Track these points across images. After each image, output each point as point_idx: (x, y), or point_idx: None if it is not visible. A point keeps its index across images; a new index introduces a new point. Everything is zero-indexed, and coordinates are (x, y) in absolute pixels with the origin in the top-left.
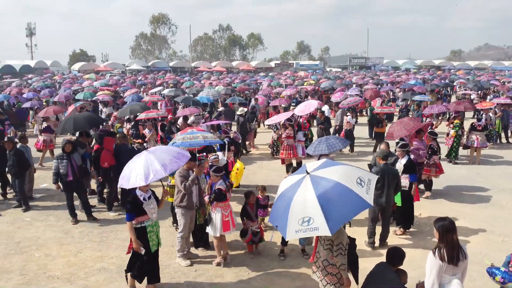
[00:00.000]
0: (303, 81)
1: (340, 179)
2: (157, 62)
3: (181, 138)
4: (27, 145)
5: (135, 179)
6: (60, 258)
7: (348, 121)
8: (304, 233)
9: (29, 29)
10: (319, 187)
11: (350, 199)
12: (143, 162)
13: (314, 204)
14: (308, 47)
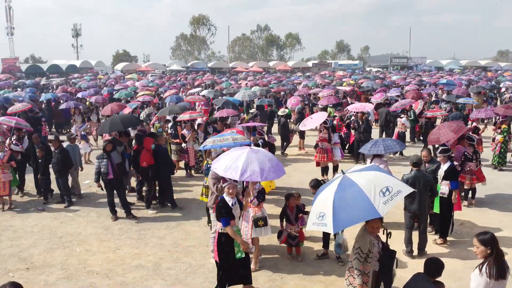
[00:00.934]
0: (342, 81)
1: (363, 185)
2: (196, 62)
3: (211, 141)
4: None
5: (230, 171)
6: (100, 254)
7: (403, 123)
8: (317, 227)
9: (75, 30)
10: (341, 188)
11: (361, 205)
12: (245, 158)
13: (329, 202)
14: (347, 47)
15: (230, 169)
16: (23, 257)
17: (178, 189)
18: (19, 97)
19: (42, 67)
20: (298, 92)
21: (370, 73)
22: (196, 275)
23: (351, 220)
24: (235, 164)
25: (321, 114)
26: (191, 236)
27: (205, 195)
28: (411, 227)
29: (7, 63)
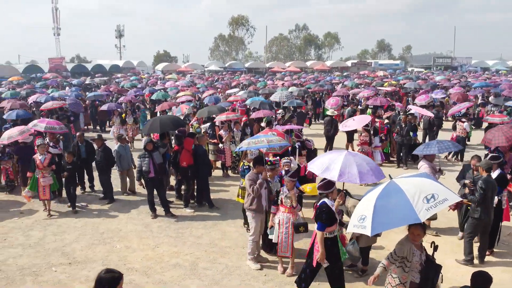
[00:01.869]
0: (382, 82)
1: (408, 190)
2: (233, 63)
3: (247, 142)
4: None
5: (328, 172)
6: (139, 251)
7: (465, 127)
8: (357, 229)
9: (119, 31)
10: (385, 192)
11: (402, 209)
12: (342, 160)
13: (371, 205)
14: (388, 46)
15: (327, 171)
16: (66, 252)
17: (215, 189)
18: (65, 96)
19: (87, 67)
20: (337, 92)
21: (412, 73)
22: (232, 276)
23: (390, 224)
24: (332, 166)
25: (364, 117)
26: (227, 236)
27: (241, 197)
28: (475, 236)
29: (54, 63)
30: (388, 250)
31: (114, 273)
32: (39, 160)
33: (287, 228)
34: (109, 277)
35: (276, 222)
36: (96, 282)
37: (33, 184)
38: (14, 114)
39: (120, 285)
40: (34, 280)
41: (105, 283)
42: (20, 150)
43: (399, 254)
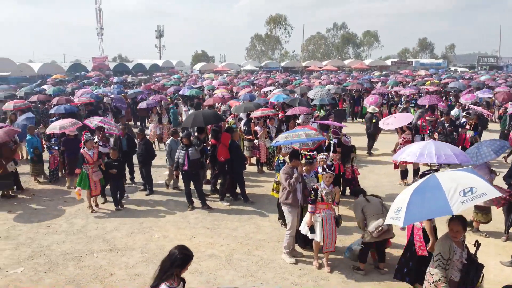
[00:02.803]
0: (424, 81)
1: (445, 182)
2: (269, 62)
3: (284, 136)
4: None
5: (424, 157)
6: (177, 241)
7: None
8: (393, 220)
9: (159, 32)
10: (423, 184)
11: (436, 201)
12: (433, 145)
13: (407, 197)
14: (431, 45)
15: (422, 156)
16: (107, 239)
17: (250, 184)
18: (108, 93)
19: (128, 66)
20: (376, 90)
21: (455, 73)
22: (267, 269)
23: (421, 215)
24: (426, 151)
25: (406, 116)
26: (262, 230)
27: (276, 191)
28: None
29: (97, 61)
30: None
31: (187, 251)
32: (89, 155)
33: (330, 224)
34: (183, 255)
35: (319, 220)
36: (170, 256)
37: (83, 181)
38: (62, 107)
39: (188, 265)
40: (76, 265)
41: (179, 260)
42: (67, 142)
43: (446, 256)
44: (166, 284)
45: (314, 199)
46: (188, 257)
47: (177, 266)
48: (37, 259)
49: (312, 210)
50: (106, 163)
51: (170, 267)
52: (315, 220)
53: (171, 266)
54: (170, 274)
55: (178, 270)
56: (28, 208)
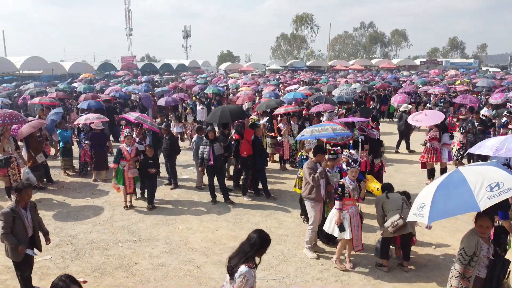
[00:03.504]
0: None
1: (471, 177)
2: (294, 62)
3: (310, 130)
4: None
5: (501, 151)
6: (199, 233)
7: None
8: (416, 217)
9: (186, 32)
10: (447, 180)
11: (462, 198)
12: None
13: (431, 193)
14: (461, 44)
15: (499, 150)
16: (132, 230)
17: (272, 180)
18: (136, 90)
19: (155, 65)
20: (403, 89)
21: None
22: (288, 263)
23: (447, 212)
24: (506, 146)
25: (437, 114)
26: (283, 225)
27: (299, 187)
28: None
29: (125, 61)
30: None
31: (266, 236)
32: (127, 151)
33: (357, 221)
34: (262, 239)
35: (347, 217)
36: (249, 240)
37: (119, 177)
38: (86, 104)
39: (266, 249)
40: (101, 253)
41: (258, 244)
42: (94, 136)
43: (470, 253)
44: (246, 265)
45: (341, 195)
46: (267, 242)
47: (257, 250)
48: (65, 248)
49: (339, 207)
50: (141, 161)
51: (250, 250)
52: (343, 217)
53: (251, 249)
54: (250, 257)
55: (257, 253)
56: (57, 199)
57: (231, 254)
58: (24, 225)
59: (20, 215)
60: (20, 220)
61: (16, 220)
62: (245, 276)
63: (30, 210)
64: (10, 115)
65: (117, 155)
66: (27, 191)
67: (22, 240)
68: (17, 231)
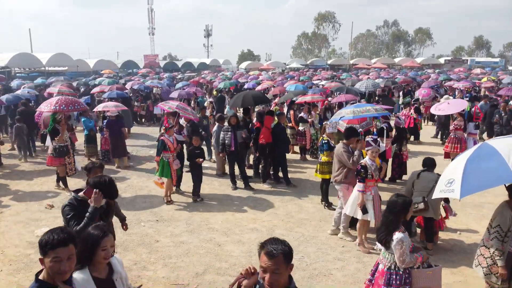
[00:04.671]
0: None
1: (502, 148)
2: (315, 60)
3: (351, 111)
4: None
5: None
6: (220, 215)
7: None
8: (445, 193)
9: (207, 31)
10: (476, 153)
11: (496, 169)
12: None
13: (461, 167)
14: (487, 43)
15: None
16: (154, 211)
17: (292, 170)
18: (159, 84)
19: (177, 64)
20: (427, 83)
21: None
22: (308, 244)
23: (481, 185)
24: None
25: (460, 102)
26: (304, 210)
27: (320, 172)
28: None
29: (148, 59)
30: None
31: (405, 197)
32: (170, 142)
33: (378, 201)
34: (403, 201)
35: (370, 199)
36: (392, 204)
37: (165, 169)
38: (115, 93)
39: (411, 209)
40: (124, 232)
41: (399, 206)
42: (109, 123)
43: (505, 228)
44: (399, 231)
45: (364, 177)
46: (407, 203)
47: (399, 214)
48: None
49: (362, 189)
50: (189, 151)
51: (394, 217)
52: (366, 199)
53: (394, 216)
54: (397, 222)
55: (403, 215)
56: (82, 184)
57: (377, 226)
58: None
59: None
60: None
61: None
62: (401, 241)
63: None
64: (66, 102)
65: (160, 148)
66: (97, 172)
67: None
68: None
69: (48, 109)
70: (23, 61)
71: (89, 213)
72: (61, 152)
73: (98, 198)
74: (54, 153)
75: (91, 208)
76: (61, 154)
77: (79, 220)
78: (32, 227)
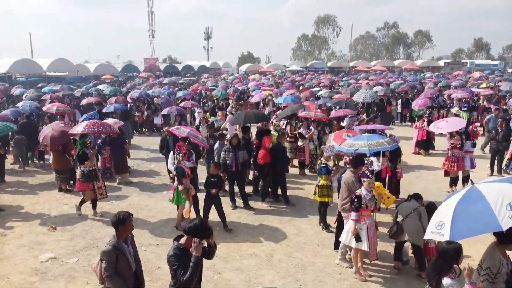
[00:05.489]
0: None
1: (490, 196)
2: (315, 62)
3: (366, 144)
4: None
5: None
6: (220, 238)
7: None
8: (435, 235)
9: (207, 34)
10: (465, 197)
11: (483, 216)
12: None
13: (450, 211)
14: (487, 45)
15: None
16: (155, 234)
17: (291, 186)
18: (159, 93)
19: (177, 67)
20: (425, 93)
21: None
22: (306, 271)
23: (469, 231)
24: None
25: (459, 120)
26: (302, 232)
27: (318, 195)
28: None
29: (148, 63)
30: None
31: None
32: (187, 168)
33: (374, 231)
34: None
35: (364, 228)
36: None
37: (180, 197)
38: (112, 107)
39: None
40: None
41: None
42: (112, 141)
43: (495, 271)
44: (448, 277)
45: (358, 206)
46: (459, 249)
47: (451, 261)
48: (91, 250)
49: (356, 218)
50: (206, 180)
51: (445, 263)
52: (360, 228)
53: (445, 262)
54: (448, 267)
55: (455, 262)
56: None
57: (428, 268)
58: (128, 261)
59: (122, 251)
60: (123, 256)
61: (120, 257)
62: (451, 287)
63: (131, 242)
64: (98, 124)
65: (181, 175)
66: (131, 221)
67: (127, 279)
68: (121, 270)
69: (76, 131)
70: (23, 67)
71: (193, 263)
72: (89, 177)
73: (198, 247)
74: (82, 178)
75: (194, 258)
76: (89, 179)
77: (185, 269)
78: (36, 251)
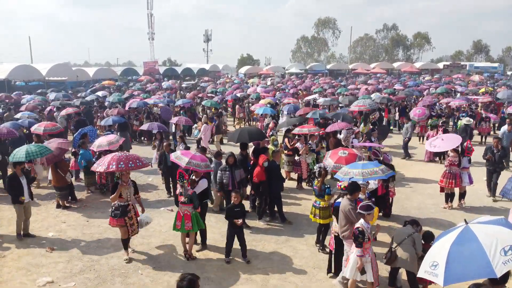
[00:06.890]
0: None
1: (484, 239)
2: (315, 65)
3: (360, 173)
4: None
5: None
6: (216, 261)
7: None
8: (428, 275)
9: (207, 36)
10: (459, 239)
11: (477, 262)
12: None
13: (445, 252)
14: (486, 47)
15: None
16: (151, 256)
17: (288, 201)
18: (159, 102)
19: (177, 70)
20: (422, 102)
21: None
22: None
23: (464, 276)
24: None
25: (455, 137)
26: (299, 254)
27: (320, 217)
28: None
29: (148, 66)
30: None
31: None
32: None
33: (375, 260)
34: None
35: (369, 261)
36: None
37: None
38: (110, 120)
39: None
40: (122, 281)
41: None
42: None
43: None
44: None
45: (362, 241)
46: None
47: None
48: (88, 274)
49: (361, 253)
50: (227, 210)
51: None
52: (365, 261)
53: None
54: None
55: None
56: (81, 220)
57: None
58: None
59: None
60: None
61: None
62: None
63: None
64: (126, 158)
65: (197, 200)
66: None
67: None
68: None
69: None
70: (23, 72)
71: None
72: (121, 213)
73: None
74: (112, 214)
75: None
76: (120, 215)
77: None
78: (34, 274)
